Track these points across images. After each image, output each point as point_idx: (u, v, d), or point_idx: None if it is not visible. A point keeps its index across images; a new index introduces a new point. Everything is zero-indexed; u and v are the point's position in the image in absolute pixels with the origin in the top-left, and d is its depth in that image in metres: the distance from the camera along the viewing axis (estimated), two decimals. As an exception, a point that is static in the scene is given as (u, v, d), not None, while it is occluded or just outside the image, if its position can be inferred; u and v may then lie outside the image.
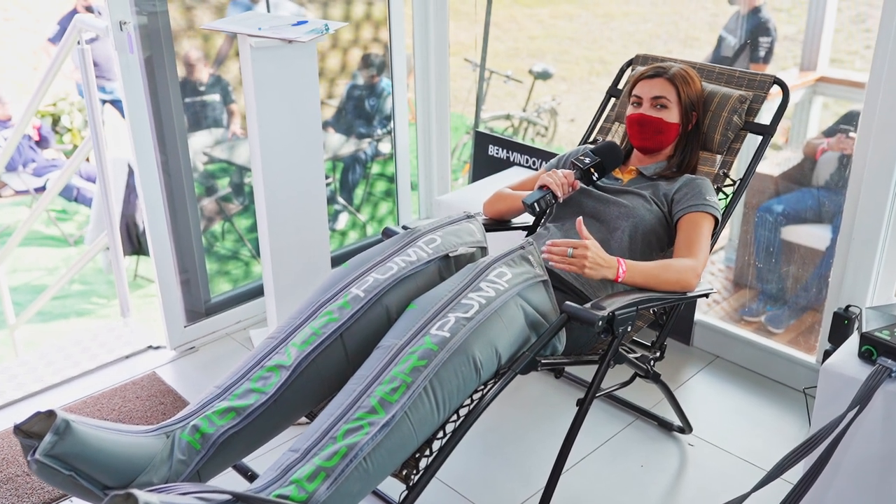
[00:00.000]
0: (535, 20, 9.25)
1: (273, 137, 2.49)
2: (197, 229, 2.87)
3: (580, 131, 7.57)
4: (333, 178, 3.62)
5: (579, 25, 8.94)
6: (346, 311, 1.77)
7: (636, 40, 8.15)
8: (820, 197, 3.55)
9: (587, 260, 1.83)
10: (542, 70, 6.71)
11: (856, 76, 4.28)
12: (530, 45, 8.64)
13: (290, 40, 2.32)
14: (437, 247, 1.91)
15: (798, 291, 3.45)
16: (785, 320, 3.45)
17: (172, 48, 2.65)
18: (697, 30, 7.30)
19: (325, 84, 3.31)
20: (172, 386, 2.64)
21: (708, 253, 2.06)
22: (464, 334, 1.66)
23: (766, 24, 4.33)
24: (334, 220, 3.69)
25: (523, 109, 6.68)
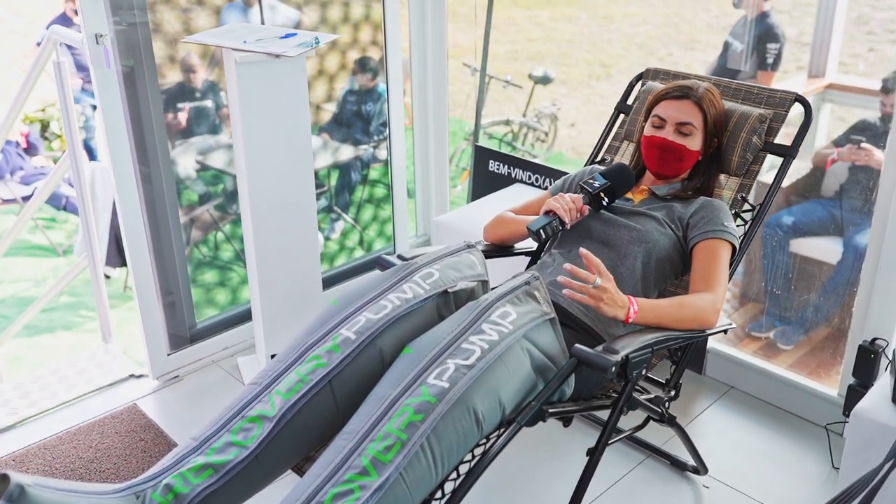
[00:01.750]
0: (535, 22, 9.13)
1: (260, 157, 2.34)
2: (181, 248, 2.72)
3: (581, 136, 7.46)
4: (329, 185, 3.48)
5: (579, 28, 8.82)
6: (336, 355, 1.62)
7: (636, 43, 8.02)
8: (830, 209, 3.44)
9: (606, 293, 1.68)
10: (542, 74, 6.58)
11: (867, 83, 4.15)
12: (529, 48, 8.52)
13: (277, 55, 2.17)
14: (435, 282, 1.76)
15: (808, 307, 3.33)
16: (794, 337, 3.33)
17: (153, 59, 2.50)
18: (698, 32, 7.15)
19: (323, 87, 3.15)
20: (154, 419, 2.49)
21: (727, 284, 1.91)
22: (464, 384, 1.51)
23: (773, 29, 4.20)
24: (330, 230, 3.55)
25: (523, 114, 6.55)
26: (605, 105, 7.61)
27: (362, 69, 3.26)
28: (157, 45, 2.53)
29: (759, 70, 4.21)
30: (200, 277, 2.90)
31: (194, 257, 2.89)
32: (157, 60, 2.54)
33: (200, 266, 2.92)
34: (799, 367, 3.11)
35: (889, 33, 5.09)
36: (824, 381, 2.54)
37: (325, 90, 3.19)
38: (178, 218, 2.70)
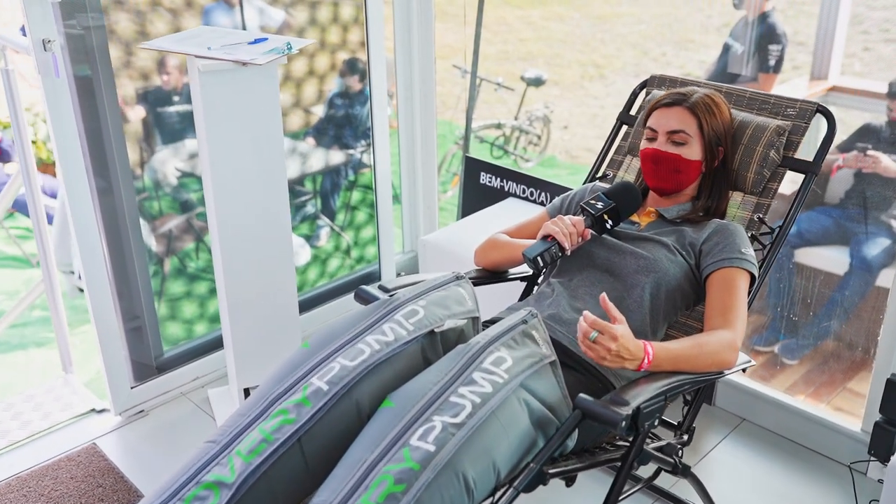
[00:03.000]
0: (526, 22, 8.95)
1: (228, 172, 2.13)
2: (144, 268, 2.50)
3: (574, 139, 7.27)
4: (315, 191, 3.28)
5: (571, 27, 8.64)
6: (306, 409, 1.41)
7: (629, 42, 7.84)
8: (835, 217, 3.27)
9: (610, 353, 1.47)
10: (534, 76, 6.40)
11: (872, 86, 3.99)
12: (521, 49, 8.34)
13: (244, 62, 1.96)
14: (420, 321, 1.55)
15: (813, 319, 3.15)
16: (799, 351, 3.16)
17: (110, 66, 2.28)
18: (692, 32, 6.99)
19: (311, 90, 2.93)
20: (115, 462, 2.27)
21: (745, 319, 1.71)
22: (453, 446, 1.30)
23: (775, 30, 4.03)
24: (316, 237, 3.35)
25: (515, 117, 6.36)
26: (598, 107, 7.44)
27: (350, 71, 3.06)
28: (116, 50, 2.31)
29: (761, 72, 4.04)
30: (174, 290, 2.67)
31: (173, 269, 2.67)
32: (117, 65, 2.32)
33: (178, 278, 2.69)
34: (805, 383, 2.96)
35: (884, 32, 4.95)
36: (842, 412, 2.35)
37: (313, 93, 2.98)
38: (141, 234, 2.48)
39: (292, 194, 3.12)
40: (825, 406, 2.78)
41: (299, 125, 3.00)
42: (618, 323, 1.49)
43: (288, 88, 2.87)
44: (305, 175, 3.14)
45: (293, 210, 3.14)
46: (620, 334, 1.46)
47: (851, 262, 3.09)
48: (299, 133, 3.03)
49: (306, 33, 2.83)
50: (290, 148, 3.01)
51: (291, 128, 2.96)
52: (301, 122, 3.01)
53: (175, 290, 2.68)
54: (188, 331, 2.72)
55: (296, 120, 2.98)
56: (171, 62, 2.54)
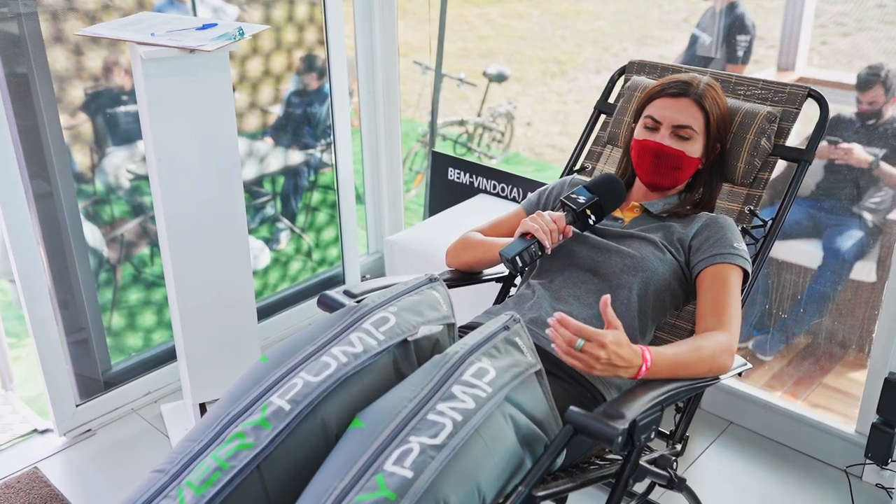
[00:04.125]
0: (485, 19, 8.84)
1: (177, 169, 1.96)
2: (89, 277, 2.31)
3: (537, 136, 7.18)
4: (274, 192, 3.12)
5: (531, 25, 8.55)
6: (265, 432, 1.25)
7: (590, 39, 7.77)
8: (807, 210, 3.20)
9: (599, 362, 1.33)
10: (496, 72, 6.28)
11: (841, 76, 3.93)
12: (481, 46, 8.24)
13: (191, 49, 1.79)
14: (391, 330, 1.40)
15: (787, 314, 3.08)
16: (774, 347, 3.08)
17: (45, 56, 2.09)
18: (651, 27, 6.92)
19: (268, 89, 2.76)
20: (58, 488, 2.08)
21: (739, 316, 1.59)
22: (433, 471, 1.15)
23: (743, 20, 3.98)
24: (276, 240, 3.19)
25: (478, 114, 6.23)
26: (560, 103, 7.35)
27: (308, 69, 2.90)
28: (59, 48, 2.13)
29: (729, 63, 3.97)
30: (129, 299, 2.49)
31: (126, 276, 2.48)
32: (58, 60, 2.13)
33: (133, 285, 2.50)
34: (781, 378, 2.90)
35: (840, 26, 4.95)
36: (819, 408, 2.26)
37: (270, 92, 2.81)
38: (84, 240, 2.29)
39: (251, 196, 2.96)
40: (802, 403, 2.70)
41: (256, 125, 2.84)
42: (611, 329, 1.35)
43: (244, 87, 2.70)
44: (264, 176, 2.98)
45: (252, 212, 2.98)
46: (610, 340, 1.33)
47: (825, 256, 3.02)
48: (256, 133, 2.86)
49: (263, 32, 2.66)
50: (248, 148, 2.85)
51: (248, 127, 2.80)
52: (258, 121, 2.84)
53: (130, 298, 2.49)
54: (147, 341, 2.54)
55: (252, 119, 2.82)
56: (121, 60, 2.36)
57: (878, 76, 3.01)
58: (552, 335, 1.35)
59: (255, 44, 2.65)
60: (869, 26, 3.43)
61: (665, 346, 1.46)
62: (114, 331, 2.47)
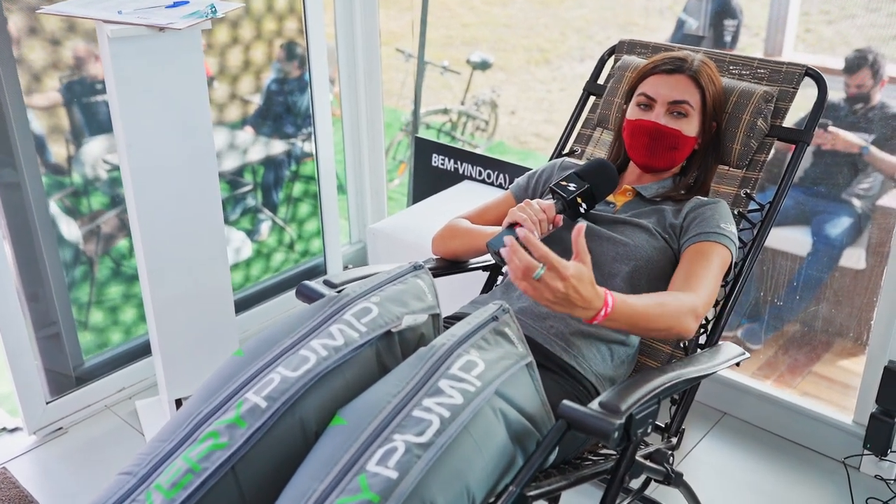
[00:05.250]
0: (468, 6, 8.76)
1: (147, 154, 1.87)
2: (58, 270, 2.21)
3: (522, 124, 7.11)
4: (255, 183, 3.04)
5: (514, 11, 8.47)
6: (240, 431, 1.17)
7: (574, 27, 7.70)
8: (795, 196, 3.16)
9: (555, 295, 1.23)
10: (480, 60, 6.20)
11: (828, 62, 3.89)
12: (464, 34, 8.16)
13: (161, 27, 1.70)
14: (374, 321, 1.32)
15: (775, 302, 3.04)
16: (763, 335, 3.04)
17: (8, 36, 1.99)
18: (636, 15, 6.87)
19: (248, 77, 2.67)
20: (27, 488, 2.00)
21: (714, 292, 1.51)
22: (419, 472, 1.08)
23: (730, 4, 3.93)
24: (256, 231, 3.11)
25: (462, 102, 6.16)
26: (544, 91, 7.28)
27: (288, 57, 2.80)
28: (12, 19, 2.03)
29: (717, 48, 3.92)
30: (108, 292, 2.40)
31: (104, 270, 2.38)
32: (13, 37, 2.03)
33: (107, 284, 2.41)
34: (770, 367, 2.86)
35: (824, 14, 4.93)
36: (809, 396, 2.20)
37: (250, 81, 2.72)
38: (53, 233, 2.20)
39: (231, 186, 2.87)
40: (792, 391, 2.65)
41: (236, 114, 2.75)
42: (578, 261, 1.26)
43: (224, 77, 2.60)
44: (244, 166, 2.89)
45: (232, 203, 2.89)
46: (572, 274, 1.23)
47: (814, 243, 2.98)
48: (236, 122, 2.77)
49: (242, 21, 2.57)
50: (228, 138, 2.76)
51: (228, 117, 2.71)
52: (238, 110, 2.75)
53: (109, 292, 2.40)
54: (128, 336, 2.44)
55: (232, 109, 2.73)
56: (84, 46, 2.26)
57: (865, 59, 2.97)
58: (508, 255, 1.24)
59: (235, 33, 2.56)
60: (853, 13, 3.39)
61: (630, 295, 1.38)
62: (93, 326, 2.38)
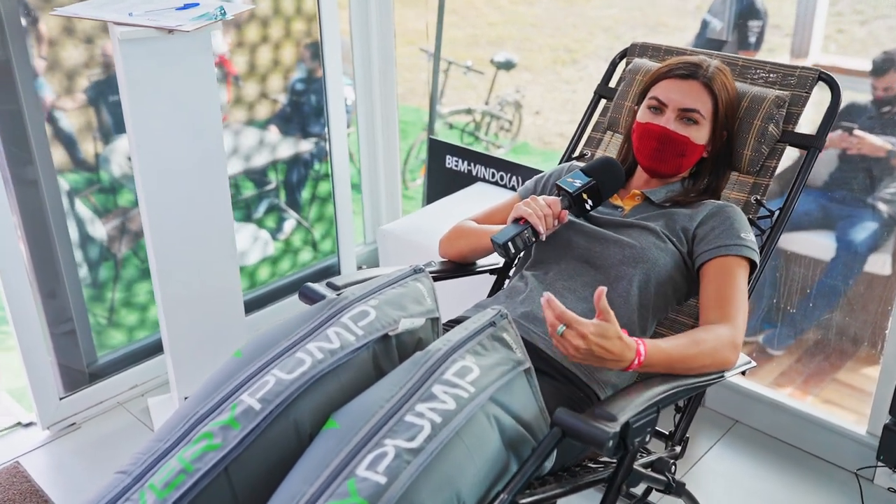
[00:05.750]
0: (494, 5, 8.73)
1: (157, 155, 1.89)
2: (72, 268, 2.24)
3: (546, 124, 7.08)
4: (277, 181, 3.07)
5: (541, 11, 8.44)
6: (234, 433, 1.18)
7: (602, 26, 7.65)
8: (819, 200, 3.11)
9: (579, 351, 1.25)
10: (504, 59, 6.18)
11: (856, 63, 3.82)
12: (490, 33, 8.13)
13: (170, 29, 1.71)
14: (371, 324, 1.32)
15: (798, 308, 3.00)
16: (784, 340, 2.99)
17: (23, 36, 2.02)
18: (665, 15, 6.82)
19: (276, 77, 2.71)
20: (39, 483, 2.02)
21: (746, 311, 1.50)
22: (408, 478, 1.08)
23: (755, 5, 3.88)
24: (279, 229, 3.13)
25: (485, 102, 6.15)
26: (570, 92, 7.24)
27: (313, 56, 2.81)
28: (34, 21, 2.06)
29: (741, 50, 3.87)
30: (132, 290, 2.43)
31: (129, 267, 2.41)
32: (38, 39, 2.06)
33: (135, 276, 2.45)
34: (791, 374, 2.81)
35: (857, 14, 4.85)
36: (830, 404, 2.16)
37: (276, 79, 2.75)
38: (68, 231, 2.22)
39: (256, 185, 2.89)
40: (814, 399, 2.61)
41: (261, 113, 2.77)
42: (601, 318, 1.27)
43: (250, 77, 2.63)
44: (269, 164, 2.91)
45: (256, 201, 2.91)
46: (592, 332, 1.24)
47: (838, 248, 2.93)
48: (260, 122, 2.79)
49: (271, 21, 2.60)
50: (253, 137, 2.78)
51: (252, 116, 2.73)
52: (263, 110, 2.78)
53: (136, 289, 2.43)
54: (152, 332, 2.48)
55: (257, 108, 2.76)
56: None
57: (893, 61, 2.92)
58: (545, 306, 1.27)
59: (264, 32, 2.59)
60: (885, 13, 3.34)
61: (662, 339, 1.38)
62: (117, 323, 2.41)
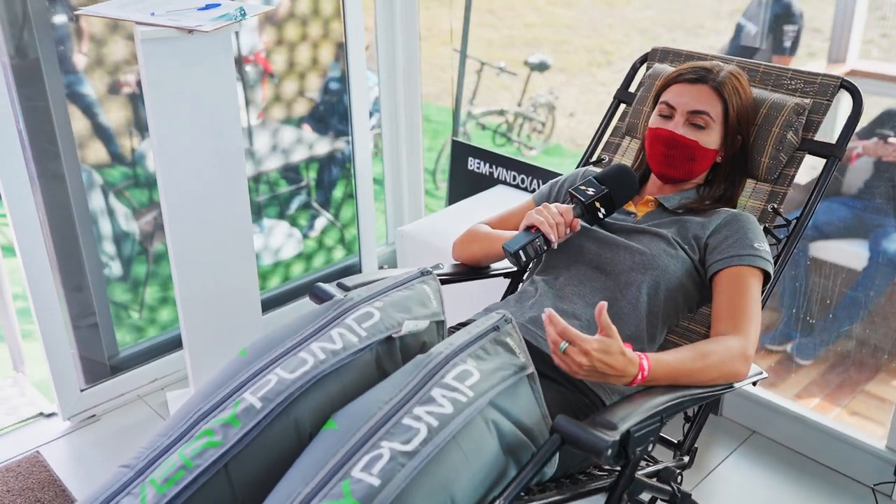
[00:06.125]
0: (532, 6, 8.70)
1: (176, 153, 1.91)
2: (96, 260, 2.28)
3: (580, 126, 7.04)
4: (308, 179, 3.10)
5: (579, 13, 8.39)
6: (234, 430, 1.19)
7: (639, 28, 7.58)
8: (854, 209, 3.06)
9: (581, 368, 1.24)
10: (538, 61, 6.16)
11: (893, 69, 3.75)
12: (526, 34, 8.10)
13: (189, 30, 1.73)
14: (374, 326, 1.33)
15: (829, 317, 2.95)
16: (814, 350, 2.95)
17: (50, 32, 2.05)
18: (703, 17, 6.74)
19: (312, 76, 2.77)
20: (58, 473, 2.06)
21: (759, 323, 1.48)
22: (401, 481, 1.08)
23: (791, 9, 3.83)
24: (310, 227, 3.17)
25: (518, 104, 6.13)
26: (605, 94, 7.19)
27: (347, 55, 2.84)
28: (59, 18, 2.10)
29: (775, 55, 3.82)
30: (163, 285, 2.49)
31: (163, 263, 2.47)
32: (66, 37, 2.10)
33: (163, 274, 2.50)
34: (820, 384, 2.75)
35: (901, 18, 4.77)
36: (858, 416, 2.13)
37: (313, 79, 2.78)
38: (91, 227, 2.26)
39: (288, 182, 2.92)
40: (841, 410, 2.57)
41: (296, 111, 2.81)
42: (603, 335, 1.26)
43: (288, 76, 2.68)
44: (300, 162, 2.96)
45: (288, 199, 2.94)
46: (595, 349, 1.23)
47: (871, 257, 2.88)
48: (294, 120, 2.83)
49: (310, 20, 2.63)
50: (285, 135, 2.83)
51: (288, 114, 2.79)
52: (298, 108, 2.82)
53: (169, 284, 2.48)
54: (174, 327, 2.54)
55: (293, 106, 2.80)
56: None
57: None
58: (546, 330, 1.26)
59: (303, 31, 2.62)
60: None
61: (668, 351, 1.36)
62: (149, 317, 2.46)
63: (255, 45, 2.71)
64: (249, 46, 2.69)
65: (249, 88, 2.75)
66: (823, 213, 3.12)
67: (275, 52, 2.61)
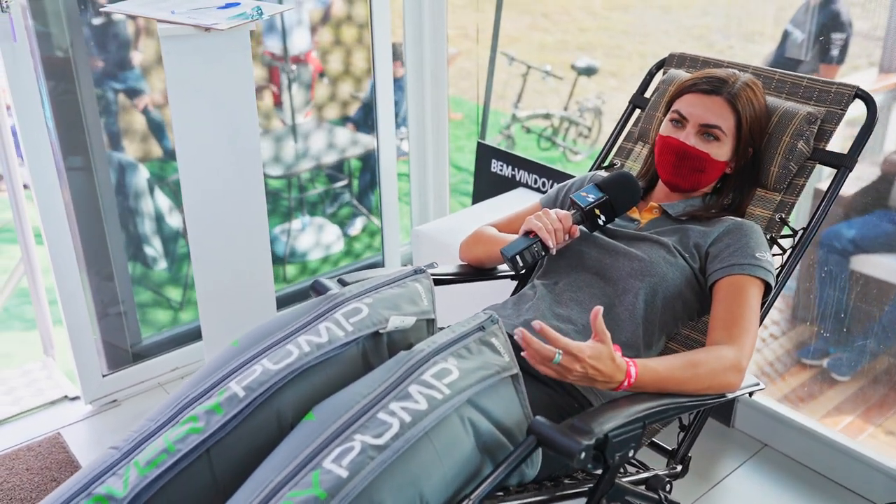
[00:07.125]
0: (588, 11, 8.64)
1: (195, 150, 1.96)
2: (120, 251, 2.35)
3: (627, 132, 6.98)
4: (350, 178, 3.15)
5: (634, 17, 8.31)
6: (216, 417, 1.23)
7: (694, 35, 7.47)
8: (895, 221, 2.99)
9: (572, 374, 1.25)
10: (585, 65, 6.11)
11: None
12: (580, 39, 8.04)
13: (206, 28, 1.78)
14: (362, 321, 1.35)
15: (868, 332, 2.87)
16: (851, 366, 2.88)
17: (80, 28, 2.13)
18: (763, 24, 6.61)
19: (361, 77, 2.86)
20: (76, 454, 2.13)
21: (755, 333, 1.46)
22: (369, 473, 1.10)
23: (840, 17, 3.73)
24: (350, 225, 3.21)
25: (564, 108, 6.09)
26: (656, 100, 7.07)
27: (394, 58, 2.87)
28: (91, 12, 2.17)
29: (822, 63, 3.73)
30: None
31: None
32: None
33: None
34: (855, 401, 2.70)
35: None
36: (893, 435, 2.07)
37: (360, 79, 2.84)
38: (117, 218, 2.34)
39: (329, 181, 2.97)
40: (876, 429, 2.50)
41: (342, 111, 2.87)
42: (597, 340, 1.26)
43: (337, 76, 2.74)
44: (342, 161, 3.01)
45: (330, 198, 2.99)
46: (588, 355, 1.23)
47: (911, 271, 2.81)
48: (339, 120, 2.87)
49: (344, 24, 2.68)
50: (328, 135, 2.88)
51: (334, 114, 2.87)
52: (344, 108, 2.89)
53: None
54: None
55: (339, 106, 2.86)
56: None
57: None
58: (521, 342, 1.25)
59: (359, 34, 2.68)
60: None
61: (658, 358, 1.36)
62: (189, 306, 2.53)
63: (305, 45, 2.79)
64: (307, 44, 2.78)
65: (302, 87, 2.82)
66: (865, 228, 3.05)
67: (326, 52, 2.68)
